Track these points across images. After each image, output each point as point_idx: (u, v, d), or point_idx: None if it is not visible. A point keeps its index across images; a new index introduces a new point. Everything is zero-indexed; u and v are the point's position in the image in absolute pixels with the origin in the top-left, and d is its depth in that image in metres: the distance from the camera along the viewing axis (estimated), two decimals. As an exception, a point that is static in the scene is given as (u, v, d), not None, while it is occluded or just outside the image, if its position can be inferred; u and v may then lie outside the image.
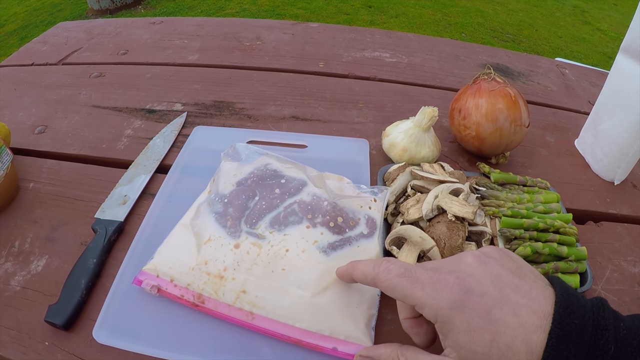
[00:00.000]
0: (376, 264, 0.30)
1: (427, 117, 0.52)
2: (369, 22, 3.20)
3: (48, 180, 0.53)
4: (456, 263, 0.28)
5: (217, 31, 0.90)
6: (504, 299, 0.25)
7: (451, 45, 0.90)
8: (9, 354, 0.37)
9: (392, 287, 0.28)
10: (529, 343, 0.24)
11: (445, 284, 0.26)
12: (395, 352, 0.29)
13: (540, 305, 0.25)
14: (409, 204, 0.45)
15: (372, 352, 0.31)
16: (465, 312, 0.25)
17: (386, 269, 0.29)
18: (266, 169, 0.47)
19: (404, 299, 0.28)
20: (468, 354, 0.25)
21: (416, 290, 0.27)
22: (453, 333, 0.26)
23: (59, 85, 0.71)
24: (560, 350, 0.23)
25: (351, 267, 0.33)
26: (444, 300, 0.26)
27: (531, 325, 0.24)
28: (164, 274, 0.39)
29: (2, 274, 0.43)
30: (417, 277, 0.28)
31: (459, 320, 0.25)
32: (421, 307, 0.27)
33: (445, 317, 0.26)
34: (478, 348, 0.25)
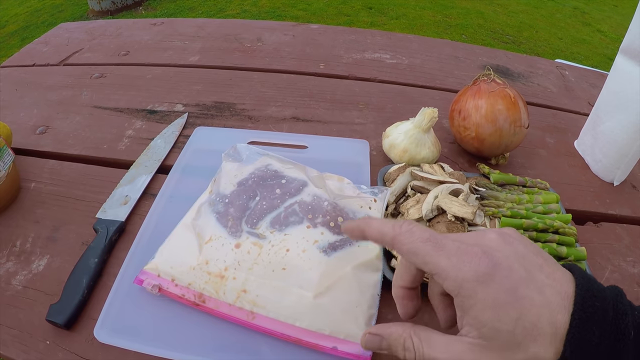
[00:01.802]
0: (396, 224, 0.28)
1: (427, 118, 0.52)
2: (370, 24, 3.20)
3: (49, 181, 0.53)
4: (480, 238, 0.26)
5: (217, 32, 0.91)
6: (530, 277, 0.24)
7: (451, 47, 0.90)
8: (11, 353, 0.37)
9: (412, 251, 0.26)
10: (554, 323, 0.23)
11: (473, 255, 0.25)
12: (408, 332, 0.28)
13: (564, 286, 0.24)
14: (409, 205, 0.45)
15: (382, 330, 0.29)
16: (492, 286, 0.24)
17: (409, 230, 0.27)
18: (267, 169, 0.47)
19: (424, 266, 0.26)
20: (491, 331, 0.24)
21: (441, 258, 0.25)
22: (476, 309, 0.24)
23: (60, 85, 0.72)
24: (584, 332, 0.23)
25: (364, 223, 0.30)
26: (470, 272, 0.24)
27: (556, 305, 0.23)
28: (165, 274, 0.39)
29: (3, 273, 0.43)
30: (443, 245, 0.26)
31: (484, 295, 0.24)
32: (443, 277, 0.25)
33: (470, 290, 0.24)
34: (503, 325, 0.23)
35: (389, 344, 0.28)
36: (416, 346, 0.27)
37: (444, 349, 0.26)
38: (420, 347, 0.27)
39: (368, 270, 0.40)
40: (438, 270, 0.25)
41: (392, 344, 0.28)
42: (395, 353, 0.28)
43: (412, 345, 0.27)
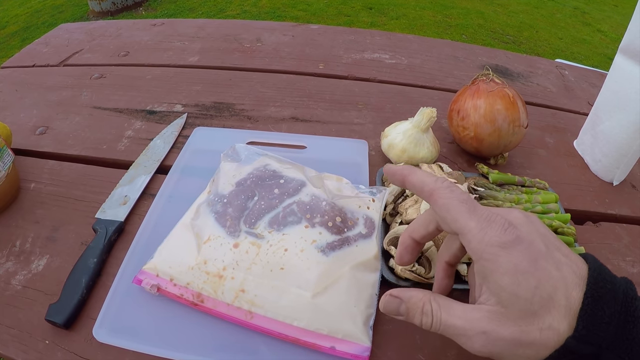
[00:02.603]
0: (439, 179, 0.29)
1: (426, 118, 0.52)
2: (370, 24, 3.20)
3: (49, 181, 0.53)
4: (507, 213, 0.27)
5: (217, 33, 0.91)
6: (549, 253, 0.25)
7: (451, 47, 0.90)
8: (10, 352, 0.37)
9: (447, 206, 0.27)
10: (569, 297, 0.24)
11: (500, 224, 0.26)
12: (427, 297, 0.28)
13: (578, 267, 0.25)
14: (407, 204, 0.45)
15: (403, 294, 0.30)
16: (514, 254, 0.25)
17: (449, 187, 0.28)
18: (265, 169, 0.48)
19: (453, 223, 0.27)
20: (510, 297, 0.24)
21: (471, 220, 0.26)
22: (497, 273, 0.25)
23: (60, 86, 0.72)
24: (596, 310, 0.23)
25: (408, 169, 0.31)
26: (495, 237, 0.25)
27: (571, 281, 0.24)
28: (163, 273, 0.39)
29: (3, 273, 0.43)
30: (476, 209, 0.27)
31: (506, 260, 0.24)
32: (469, 238, 0.26)
33: (493, 254, 0.25)
34: (521, 292, 0.24)
35: (408, 308, 0.29)
36: (434, 311, 0.27)
37: (461, 316, 0.26)
38: (438, 312, 0.27)
39: (366, 270, 0.40)
40: (466, 230, 0.26)
41: (410, 308, 0.29)
42: (412, 318, 0.29)
43: (430, 310, 0.28)
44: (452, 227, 0.27)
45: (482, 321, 0.25)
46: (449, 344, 0.38)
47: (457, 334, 0.26)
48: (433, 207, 0.29)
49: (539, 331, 0.24)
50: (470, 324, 0.26)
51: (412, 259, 0.34)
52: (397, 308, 0.30)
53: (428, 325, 0.28)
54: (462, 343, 0.26)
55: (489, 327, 0.25)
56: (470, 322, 0.26)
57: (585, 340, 0.23)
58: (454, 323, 0.26)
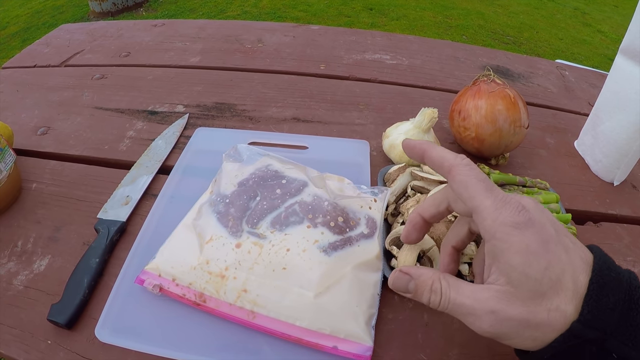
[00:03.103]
0: (458, 155, 0.29)
1: (427, 119, 0.52)
2: (370, 25, 3.21)
3: (51, 181, 0.53)
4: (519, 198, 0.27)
5: (218, 33, 0.91)
6: (559, 238, 0.26)
7: (451, 47, 0.90)
8: (12, 352, 0.37)
9: (465, 183, 0.27)
10: (576, 281, 0.24)
11: (514, 205, 0.26)
12: (437, 275, 0.29)
13: (585, 254, 0.26)
14: (409, 204, 0.45)
15: (412, 271, 0.30)
16: (526, 234, 0.25)
17: (468, 164, 0.28)
18: (267, 169, 0.48)
19: (468, 200, 0.27)
20: (520, 277, 0.25)
21: (488, 198, 0.26)
22: (509, 253, 0.25)
23: (61, 86, 0.72)
24: (600, 296, 0.24)
25: (427, 145, 0.31)
26: (509, 217, 0.25)
27: (578, 266, 0.25)
28: (166, 274, 0.39)
29: (5, 273, 0.43)
30: (493, 189, 0.27)
31: (518, 240, 0.25)
32: (484, 216, 0.26)
33: (505, 233, 0.25)
34: (532, 272, 0.24)
35: (417, 285, 0.29)
36: (444, 290, 0.27)
37: (470, 295, 0.26)
38: (447, 290, 0.27)
39: (368, 269, 0.40)
40: (481, 208, 0.26)
41: (419, 285, 0.29)
42: (421, 296, 0.29)
43: (439, 288, 0.28)
44: (468, 204, 0.27)
45: (491, 300, 0.25)
46: (451, 344, 0.38)
47: (465, 313, 0.26)
48: (451, 183, 0.29)
49: (547, 312, 0.24)
50: (479, 303, 0.26)
51: (419, 238, 0.34)
52: (406, 285, 0.30)
53: (436, 303, 0.28)
54: (469, 322, 0.26)
55: (497, 306, 0.25)
56: (479, 301, 0.26)
57: (591, 325, 0.23)
58: (463, 302, 0.26)
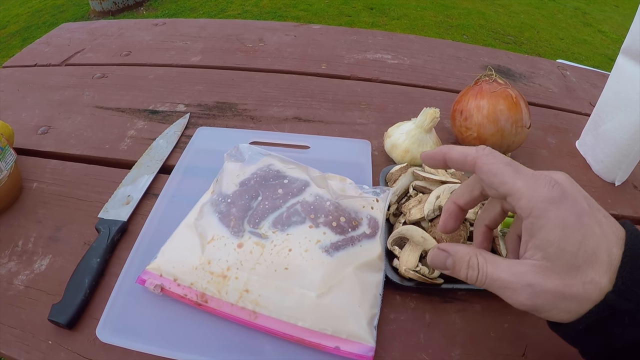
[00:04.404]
0: (478, 148, 0.30)
1: (429, 119, 0.52)
2: (371, 24, 3.20)
3: (51, 181, 0.53)
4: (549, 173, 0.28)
5: (219, 33, 0.91)
6: (592, 212, 0.26)
7: (453, 47, 0.90)
8: (13, 352, 0.37)
9: (493, 171, 0.28)
10: (610, 254, 0.25)
11: (546, 182, 0.26)
12: (474, 251, 0.29)
13: (617, 228, 0.27)
14: (410, 205, 0.45)
15: (450, 248, 0.31)
16: (562, 209, 0.25)
17: (491, 153, 0.29)
18: (269, 169, 0.48)
19: (500, 186, 0.28)
20: (556, 251, 0.25)
21: (518, 180, 0.27)
22: (546, 229, 0.26)
23: (62, 86, 0.72)
24: (634, 269, 0.25)
25: (445, 148, 0.32)
26: (544, 194, 0.26)
27: (611, 240, 0.26)
28: (167, 274, 0.39)
29: (5, 273, 0.43)
30: (520, 170, 0.28)
31: (555, 215, 0.25)
32: (518, 197, 0.27)
33: (542, 210, 0.26)
34: (568, 246, 0.25)
35: (454, 261, 0.30)
36: (480, 265, 0.28)
37: (507, 270, 0.27)
38: (484, 265, 0.28)
39: (370, 270, 0.40)
40: (514, 190, 0.27)
41: (457, 261, 0.30)
42: (459, 272, 0.30)
43: (476, 264, 0.28)
44: (500, 190, 0.28)
45: (528, 274, 0.26)
46: (453, 344, 0.38)
47: (503, 287, 0.27)
48: (479, 174, 0.29)
49: (582, 285, 0.25)
50: (515, 277, 0.26)
51: (457, 226, 0.34)
52: (444, 261, 0.31)
53: (474, 278, 0.28)
54: (507, 296, 0.27)
55: (534, 280, 0.26)
56: (515, 275, 0.26)
57: (624, 296, 0.24)
58: (500, 276, 0.27)
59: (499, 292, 0.28)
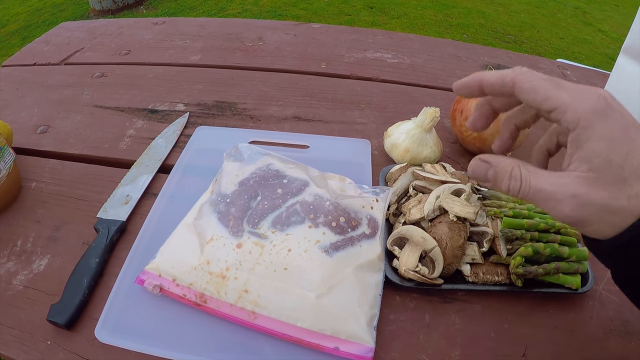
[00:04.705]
0: (515, 68, 0.29)
1: (429, 118, 0.52)
2: (371, 23, 3.20)
3: (50, 180, 0.53)
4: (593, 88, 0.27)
5: (219, 32, 0.90)
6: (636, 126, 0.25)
7: (453, 46, 0.90)
8: (11, 353, 0.37)
9: (534, 88, 0.27)
10: None
11: (591, 94, 0.26)
12: (516, 163, 0.28)
13: None
14: (410, 205, 0.45)
15: (492, 159, 0.29)
16: (608, 121, 0.25)
17: (529, 71, 0.28)
18: (268, 169, 0.47)
19: (544, 102, 0.27)
20: (603, 162, 0.25)
21: (562, 93, 0.26)
22: (592, 140, 0.25)
23: (61, 85, 0.72)
24: None
25: (480, 74, 0.31)
26: (590, 106, 0.25)
27: None
28: (166, 274, 0.39)
29: (4, 273, 0.43)
30: (561, 83, 0.27)
31: (601, 126, 0.25)
32: (563, 110, 0.26)
33: (588, 121, 0.25)
34: (614, 158, 0.24)
35: (496, 172, 0.28)
36: (523, 176, 0.27)
37: (551, 181, 0.26)
38: (527, 177, 0.27)
39: (370, 270, 0.40)
40: (559, 103, 0.26)
41: (499, 172, 0.28)
42: (500, 184, 0.28)
43: (519, 175, 0.27)
44: (544, 106, 0.27)
45: (573, 185, 0.25)
46: (453, 345, 0.38)
47: (546, 198, 0.26)
48: (519, 94, 0.28)
49: (627, 198, 0.24)
50: (560, 188, 0.26)
51: (486, 126, 0.34)
52: (485, 172, 0.29)
53: (516, 189, 0.27)
54: (550, 208, 0.26)
55: (579, 190, 0.25)
56: (560, 186, 0.26)
57: None
58: (544, 187, 0.26)
59: (542, 203, 0.27)
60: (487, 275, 0.42)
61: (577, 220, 0.26)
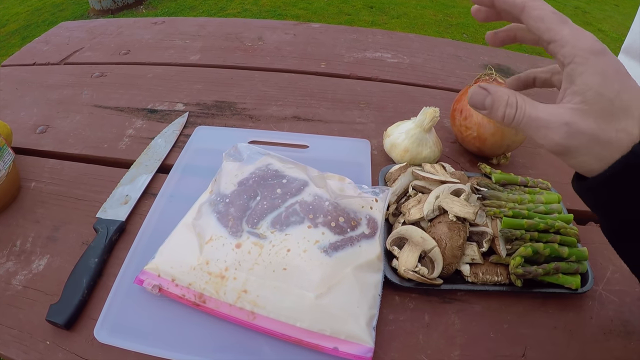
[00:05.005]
0: None
1: (429, 118, 0.52)
2: (371, 23, 3.19)
3: (50, 180, 0.53)
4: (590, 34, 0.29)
5: (218, 31, 0.90)
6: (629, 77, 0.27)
7: (453, 46, 0.90)
8: (11, 353, 0.37)
9: (541, 17, 0.28)
10: None
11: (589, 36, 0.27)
12: (512, 92, 0.29)
13: None
14: (410, 205, 0.45)
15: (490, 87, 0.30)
16: (603, 60, 0.26)
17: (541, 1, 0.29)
18: (268, 169, 0.47)
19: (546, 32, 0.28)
20: (595, 96, 0.26)
21: (564, 28, 0.27)
22: (586, 74, 0.26)
23: (60, 85, 0.72)
24: None
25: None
26: (587, 44, 0.27)
27: None
28: (165, 274, 0.39)
29: (3, 273, 0.43)
30: (567, 20, 0.28)
31: (595, 63, 0.26)
32: (562, 44, 0.27)
33: (584, 58, 0.26)
34: (606, 92, 0.26)
35: (493, 100, 0.29)
36: (519, 103, 0.28)
37: (545, 110, 0.28)
38: (523, 104, 0.28)
39: (369, 270, 0.40)
40: (559, 37, 0.27)
41: (496, 100, 0.29)
42: (497, 111, 0.29)
43: (515, 102, 0.29)
44: (545, 36, 0.28)
45: (565, 114, 0.27)
46: (452, 345, 0.38)
47: (539, 126, 0.27)
48: (526, 20, 0.29)
49: (615, 132, 0.26)
50: (553, 116, 0.27)
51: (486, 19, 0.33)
52: (483, 100, 0.30)
53: (511, 116, 0.29)
54: (542, 136, 0.27)
55: (571, 119, 0.26)
56: (553, 115, 0.27)
57: None
58: (538, 115, 0.28)
59: (534, 132, 0.28)
60: (486, 276, 0.42)
61: (567, 150, 0.27)
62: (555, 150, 0.27)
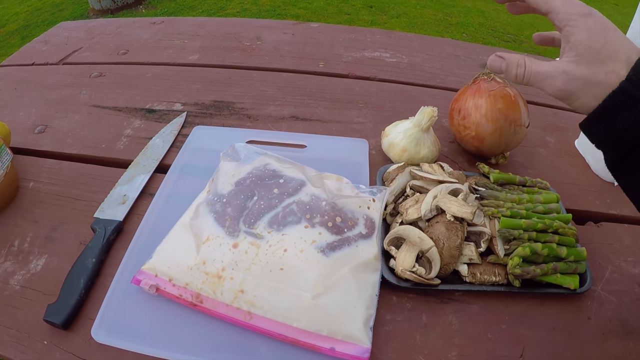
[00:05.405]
0: None
1: (427, 117, 0.52)
2: (370, 22, 3.19)
3: (48, 180, 0.53)
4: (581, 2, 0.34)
5: (217, 31, 0.90)
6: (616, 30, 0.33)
7: (452, 46, 0.90)
8: (8, 352, 0.37)
9: None
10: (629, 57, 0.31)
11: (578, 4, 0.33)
12: (522, 56, 0.36)
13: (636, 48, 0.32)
14: (407, 204, 0.45)
15: (505, 54, 0.37)
16: (590, 20, 0.32)
17: None
18: (265, 169, 0.47)
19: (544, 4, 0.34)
20: (585, 48, 0.32)
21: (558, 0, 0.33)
22: (578, 32, 0.32)
23: (59, 85, 0.71)
24: None
25: None
26: (577, 10, 0.32)
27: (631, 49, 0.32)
28: (162, 274, 0.39)
29: (1, 273, 0.43)
30: None
31: (584, 23, 0.32)
32: (557, 11, 0.33)
33: (575, 20, 0.32)
34: (594, 44, 0.31)
35: (508, 64, 0.36)
36: (527, 63, 0.35)
37: (547, 65, 0.34)
38: (530, 63, 0.35)
39: (366, 270, 0.40)
40: (553, 7, 0.33)
41: (510, 63, 0.36)
42: (510, 72, 0.36)
43: (524, 63, 0.35)
44: (543, 9, 0.34)
45: (563, 65, 0.33)
46: (450, 345, 0.38)
47: (543, 78, 0.34)
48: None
49: (605, 74, 0.31)
50: (553, 68, 0.33)
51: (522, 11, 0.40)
52: (499, 65, 0.37)
53: (521, 74, 0.35)
54: (546, 85, 0.34)
55: (568, 68, 0.32)
56: (553, 67, 0.33)
57: (636, 85, 0.30)
58: (542, 69, 0.34)
59: (539, 83, 0.34)
60: (484, 276, 0.41)
61: (568, 93, 0.33)
62: (558, 95, 0.33)
